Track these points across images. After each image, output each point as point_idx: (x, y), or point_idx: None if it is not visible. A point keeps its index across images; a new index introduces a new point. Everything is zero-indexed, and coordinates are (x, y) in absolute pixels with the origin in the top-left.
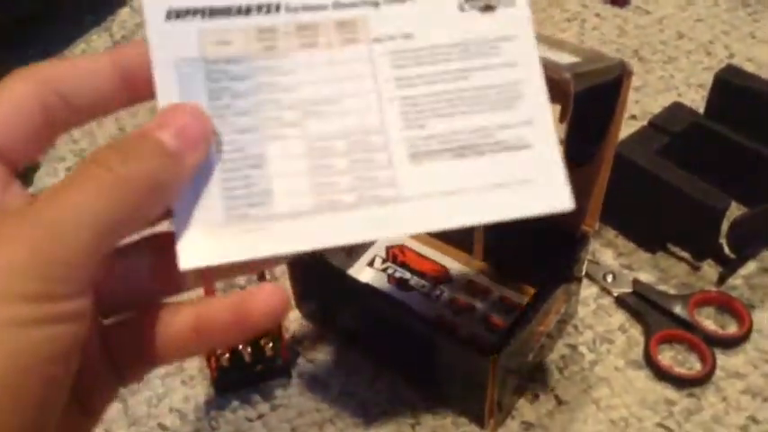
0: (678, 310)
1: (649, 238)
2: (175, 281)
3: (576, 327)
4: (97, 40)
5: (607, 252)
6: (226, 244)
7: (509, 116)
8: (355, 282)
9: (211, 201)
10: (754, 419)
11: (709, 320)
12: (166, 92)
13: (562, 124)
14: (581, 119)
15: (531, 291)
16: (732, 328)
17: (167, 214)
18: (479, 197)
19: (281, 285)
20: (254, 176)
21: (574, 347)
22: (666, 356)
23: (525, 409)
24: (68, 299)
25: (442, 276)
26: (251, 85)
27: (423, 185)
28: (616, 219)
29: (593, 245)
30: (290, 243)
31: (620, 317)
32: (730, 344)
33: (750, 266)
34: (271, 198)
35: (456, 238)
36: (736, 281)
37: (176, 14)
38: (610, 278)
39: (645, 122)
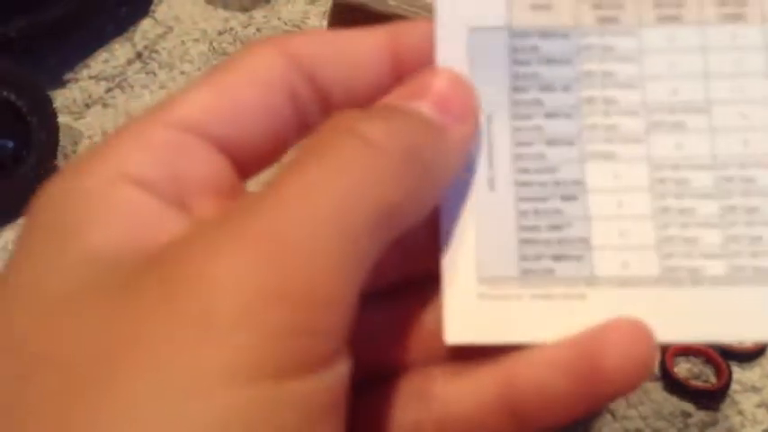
0: None
1: None
2: (433, 345)
3: None
4: (119, 49)
5: None
6: (518, 312)
7: None
8: None
9: (499, 242)
10: None
11: None
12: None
13: None
14: None
15: None
16: (748, 343)
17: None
18: None
19: (638, 321)
20: (566, 214)
21: None
22: (683, 369)
23: None
24: (323, 365)
25: None
26: (573, 72)
27: None
28: None
29: None
30: None
31: None
32: (746, 358)
33: None
34: (590, 250)
35: None
36: None
37: None
38: None
39: None
